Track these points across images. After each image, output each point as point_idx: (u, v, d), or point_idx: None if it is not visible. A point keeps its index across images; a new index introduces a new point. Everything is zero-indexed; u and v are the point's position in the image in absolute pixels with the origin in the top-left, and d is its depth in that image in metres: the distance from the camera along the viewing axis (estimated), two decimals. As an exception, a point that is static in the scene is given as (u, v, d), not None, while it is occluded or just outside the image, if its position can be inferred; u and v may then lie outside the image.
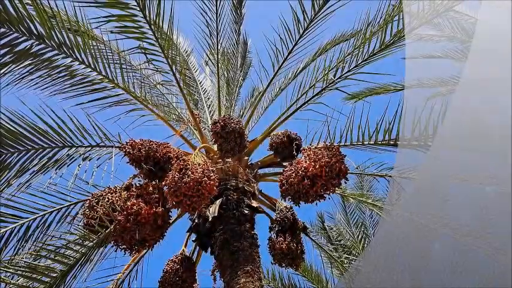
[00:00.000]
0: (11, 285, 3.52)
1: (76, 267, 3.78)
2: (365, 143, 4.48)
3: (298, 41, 5.40)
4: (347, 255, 6.28)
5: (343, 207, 7.56)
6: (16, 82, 4.09)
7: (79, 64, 4.31)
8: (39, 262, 3.73)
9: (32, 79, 4.31)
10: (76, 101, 4.58)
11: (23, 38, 3.93)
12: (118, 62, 4.57)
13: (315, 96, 5.08)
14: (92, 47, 4.24)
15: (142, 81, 5.03)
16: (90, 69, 4.38)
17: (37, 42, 3.93)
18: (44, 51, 4.05)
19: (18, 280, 3.57)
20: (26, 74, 4.22)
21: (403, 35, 4.36)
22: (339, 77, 4.86)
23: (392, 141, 4.23)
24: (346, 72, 4.80)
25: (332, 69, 4.92)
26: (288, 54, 5.50)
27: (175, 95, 5.91)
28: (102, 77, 4.47)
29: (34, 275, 3.44)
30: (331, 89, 4.97)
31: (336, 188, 4.30)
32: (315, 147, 4.35)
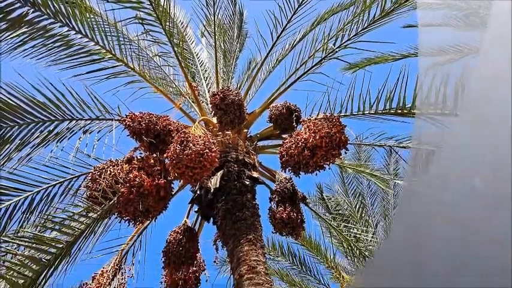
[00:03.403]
0: (18, 256, 3.57)
1: (81, 238, 3.84)
2: (365, 112, 4.48)
3: (297, 9, 5.30)
4: (345, 224, 6.40)
5: (341, 177, 7.65)
6: (11, 51, 4.01)
7: (75, 34, 4.22)
8: (44, 234, 3.78)
9: (26, 49, 4.23)
10: (73, 73, 4.52)
11: (18, 4, 3.83)
12: (115, 33, 4.49)
13: (314, 66, 5.04)
14: (88, 16, 4.14)
15: (139, 53, 4.95)
16: (87, 39, 4.30)
17: (32, 10, 3.83)
18: (39, 19, 3.96)
19: (25, 251, 3.62)
20: (21, 42, 4.13)
21: (404, 2, 4.30)
22: (339, 46, 4.81)
23: (393, 110, 4.24)
24: (346, 41, 4.74)
25: (331, 38, 4.87)
26: (287, 23, 5.41)
27: (173, 67, 5.85)
28: (99, 47, 4.40)
29: (41, 246, 3.49)
30: (330, 59, 4.93)
31: (336, 159, 4.34)
32: (315, 118, 4.36)
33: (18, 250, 3.70)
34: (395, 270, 0.95)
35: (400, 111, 4.23)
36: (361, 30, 4.67)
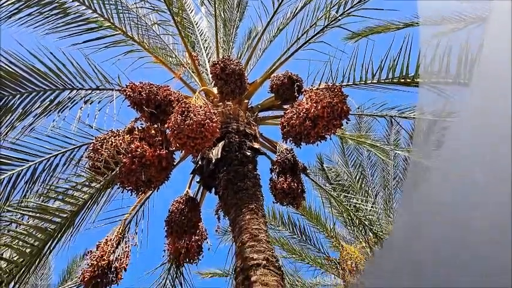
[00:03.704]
0: (22, 226, 3.62)
1: (84, 208, 3.88)
2: (368, 82, 4.43)
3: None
4: (345, 194, 6.46)
5: (342, 148, 7.68)
6: (6, 19, 3.92)
7: (73, 1, 4.13)
8: (48, 204, 3.82)
9: (22, 17, 4.14)
10: (72, 42, 4.45)
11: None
12: (113, 1, 4.38)
13: (317, 35, 4.95)
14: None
15: (138, 22, 4.85)
16: (84, 7, 4.21)
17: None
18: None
19: (29, 221, 3.67)
20: (16, 10, 4.04)
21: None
22: (341, 14, 4.71)
23: (396, 79, 4.19)
24: (349, 8, 4.64)
25: (334, 6, 4.75)
26: (289, -10, 5.28)
27: (173, 36, 5.74)
28: (97, 15, 4.31)
29: (45, 216, 3.54)
30: (333, 27, 4.83)
31: (337, 129, 4.34)
32: (317, 88, 4.32)
33: (22, 220, 3.75)
34: (396, 270, 0.96)
35: (403, 80, 4.19)
36: (364, -3, 4.56)
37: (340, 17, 4.71)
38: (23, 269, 3.49)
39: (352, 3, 4.61)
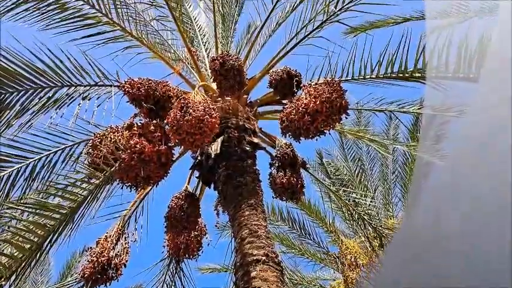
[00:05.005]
0: (22, 222, 3.63)
1: (84, 204, 3.89)
2: (367, 76, 4.43)
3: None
4: (344, 189, 6.48)
5: (341, 143, 7.69)
6: (2, 14, 3.90)
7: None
8: (47, 201, 3.82)
9: (19, 12, 4.12)
10: (69, 38, 4.42)
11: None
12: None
13: (315, 30, 4.94)
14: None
15: (136, 17, 4.83)
16: (82, 2, 4.18)
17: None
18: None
19: (29, 217, 3.68)
20: (13, 5, 4.02)
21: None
22: (341, 9, 4.69)
23: (394, 74, 4.19)
24: (348, 3, 4.62)
25: (333, 0, 4.73)
26: (288, -16, 5.26)
27: (171, 31, 5.72)
28: (95, 10, 4.28)
29: (45, 212, 3.54)
30: (332, 22, 4.82)
31: (336, 124, 4.34)
32: (316, 83, 4.31)
33: (22, 216, 3.76)
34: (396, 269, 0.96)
35: (401, 75, 4.18)
36: (364, -8, 4.54)
37: (339, 12, 4.70)
38: (23, 264, 3.50)
39: (351, -3, 4.59)
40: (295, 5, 5.57)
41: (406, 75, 4.12)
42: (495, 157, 0.83)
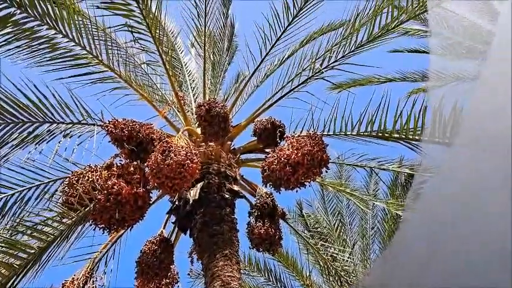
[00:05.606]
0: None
1: (54, 244, 3.76)
2: (347, 133, 4.54)
3: (287, 28, 5.37)
4: (323, 243, 6.41)
5: (322, 195, 7.69)
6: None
7: (62, 37, 4.18)
8: (15, 238, 3.68)
9: (10, 48, 4.17)
10: (57, 76, 4.46)
11: (4, 4, 3.79)
12: (103, 38, 4.46)
13: (301, 85, 5.10)
14: (76, 20, 4.12)
15: (127, 59, 4.93)
16: (73, 44, 4.26)
17: (19, 11, 3.79)
18: (26, 20, 3.92)
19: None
20: (5, 42, 4.07)
21: (392, 28, 4.40)
22: (326, 67, 4.88)
23: (374, 132, 4.30)
24: (333, 63, 4.82)
25: (319, 58, 4.93)
26: (276, 40, 5.48)
27: (160, 76, 5.83)
28: (85, 52, 4.36)
29: (11, 251, 3.40)
30: (316, 79, 4.99)
31: (316, 177, 4.37)
32: (298, 135, 4.39)
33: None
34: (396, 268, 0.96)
35: (381, 134, 4.30)
36: (348, 53, 4.75)
37: (324, 70, 4.88)
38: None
39: (336, 57, 4.80)
40: (283, 59, 5.78)
41: (386, 135, 4.24)
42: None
